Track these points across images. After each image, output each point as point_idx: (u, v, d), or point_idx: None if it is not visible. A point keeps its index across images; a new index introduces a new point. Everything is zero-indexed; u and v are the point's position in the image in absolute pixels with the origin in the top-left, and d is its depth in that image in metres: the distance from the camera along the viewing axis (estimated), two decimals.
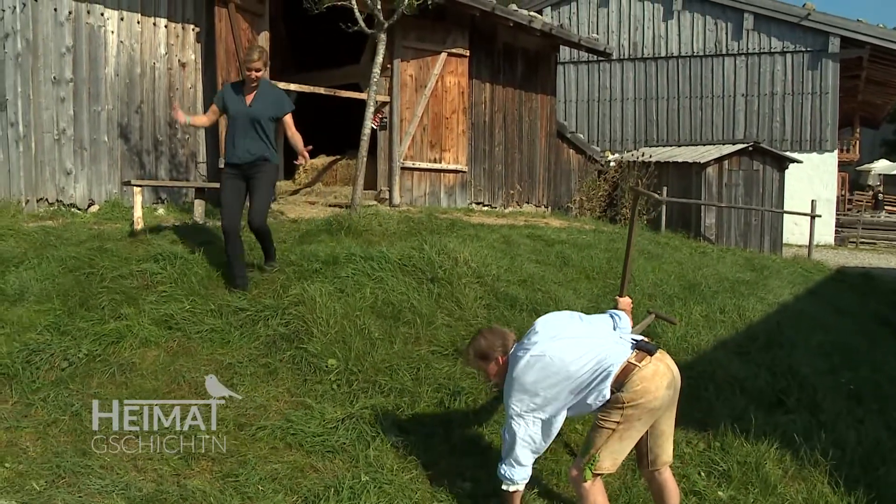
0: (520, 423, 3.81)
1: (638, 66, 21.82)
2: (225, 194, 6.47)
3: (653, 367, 3.72)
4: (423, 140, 12.59)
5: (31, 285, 6.18)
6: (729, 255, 11.78)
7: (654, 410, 3.74)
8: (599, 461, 3.73)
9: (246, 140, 6.40)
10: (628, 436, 3.74)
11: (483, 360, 4.03)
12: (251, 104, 6.41)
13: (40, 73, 8.97)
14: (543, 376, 3.77)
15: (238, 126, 6.39)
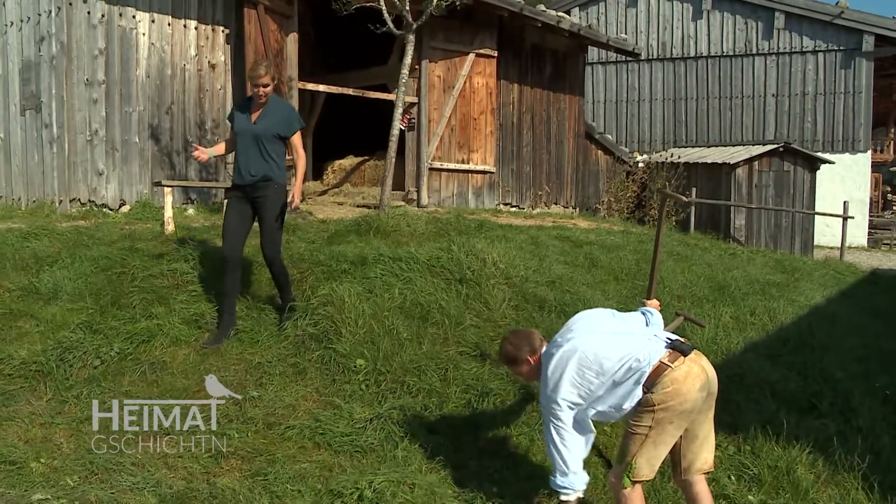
0: (559, 426, 3.76)
1: (667, 67, 21.65)
2: (228, 218, 5.99)
3: (685, 369, 3.62)
4: (451, 141, 12.59)
5: (65, 284, 6.26)
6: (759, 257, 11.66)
7: (687, 413, 3.64)
8: (636, 468, 3.65)
9: (248, 159, 5.89)
10: (662, 440, 3.65)
11: (513, 364, 4.00)
12: (256, 121, 5.89)
13: (74, 75, 9.09)
14: (578, 373, 3.72)
15: (242, 144, 5.91)
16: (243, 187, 5.91)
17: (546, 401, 3.81)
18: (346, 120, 15.53)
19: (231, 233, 5.90)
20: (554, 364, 3.79)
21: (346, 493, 4.12)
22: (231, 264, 5.89)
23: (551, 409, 3.77)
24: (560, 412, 3.75)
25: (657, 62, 21.71)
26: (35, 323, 5.77)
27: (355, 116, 15.50)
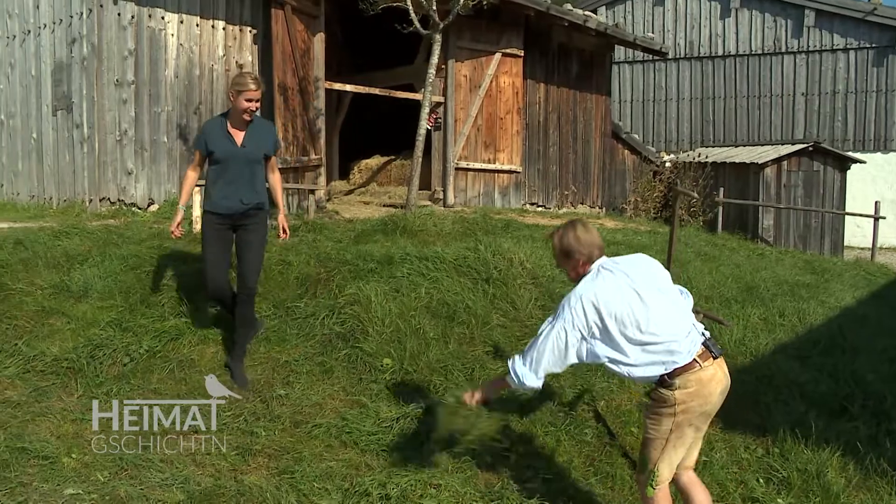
0: (560, 331, 3.55)
1: (694, 66, 21.48)
2: (210, 251, 5.33)
3: (712, 371, 3.54)
4: (478, 140, 12.58)
5: (95, 282, 6.32)
6: (788, 258, 11.55)
7: (706, 416, 3.61)
8: (659, 475, 3.61)
9: (239, 186, 5.25)
10: (681, 444, 3.61)
11: (565, 257, 3.74)
12: (244, 143, 5.25)
13: (104, 75, 9.18)
14: (611, 304, 3.52)
15: (229, 170, 5.24)
16: (230, 216, 5.31)
17: (566, 305, 3.59)
18: (373, 119, 15.58)
19: (215, 267, 5.34)
20: (592, 281, 3.61)
21: (373, 492, 4.13)
22: (224, 298, 5.51)
23: (570, 311, 3.55)
24: (575, 320, 3.53)
25: (684, 61, 21.55)
26: (66, 320, 5.83)
27: (381, 116, 15.54)
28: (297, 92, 10.13)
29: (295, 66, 10.05)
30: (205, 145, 5.25)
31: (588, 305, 3.52)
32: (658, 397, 3.57)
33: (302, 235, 7.94)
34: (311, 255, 7.02)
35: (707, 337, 3.64)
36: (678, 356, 3.49)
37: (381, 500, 4.09)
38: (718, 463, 4.81)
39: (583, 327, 3.53)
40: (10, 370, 5.23)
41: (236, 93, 5.12)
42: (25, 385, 5.11)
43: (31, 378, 5.20)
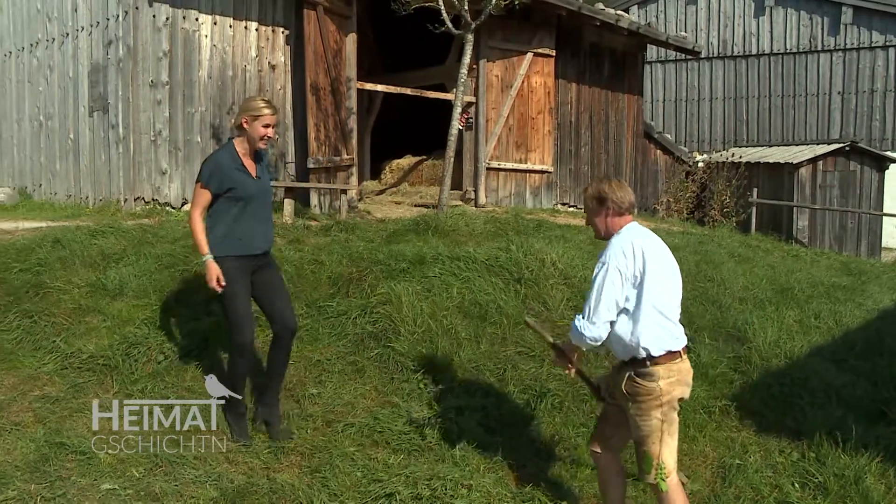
0: (615, 273, 3.61)
1: (728, 65, 21.26)
2: (241, 301, 4.68)
3: (688, 365, 3.75)
4: (509, 140, 12.55)
5: (130, 281, 6.40)
6: (823, 259, 11.38)
7: (679, 402, 3.74)
8: (666, 467, 3.66)
9: (260, 224, 4.76)
10: (673, 429, 3.70)
11: (598, 203, 3.80)
12: (259, 175, 4.76)
13: (139, 76, 9.29)
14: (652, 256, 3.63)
15: (250, 207, 4.68)
16: (253, 257, 4.75)
17: (623, 246, 3.65)
18: (404, 119, 15.61)
19: (249, 320, 4.70)
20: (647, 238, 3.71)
21: (403, 492, 4.12)
22: (252, 351, 4.89)
23: (621, 254, 3.63)
24: (627, 262, 3.61)
25: (718, 60, 21.33)
26: (102, 318, 5.91)
27: (413, 116, 15.57)
28: (329, 92, 10.18)
29: (327, 66, 10.10)
30: (219, 181, 4.58)
31: (638, 250, 3.63)
32: (643, 391, 3.63)
33: (334, 235, 7.97)
34: (343, 255, 7.05)
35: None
36: (674, 343, 3.65)
37: (412, 499, 4.09)
38: (752, 466, 4.75)
39: (630, 271, 3.62)
40: (48, 366, 5.32)
41: (251, 118, 4.59)
42: (63, 381, 5.19)
43: (69, 374, 5.28)
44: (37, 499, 3.95)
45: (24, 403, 4.95)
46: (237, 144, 4.68)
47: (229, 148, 4.69)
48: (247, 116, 4.60)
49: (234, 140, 4.71)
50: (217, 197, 4.59)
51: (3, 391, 5.08)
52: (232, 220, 4.62)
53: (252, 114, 4.59)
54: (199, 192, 4.61)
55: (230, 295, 4.62)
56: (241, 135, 4.67)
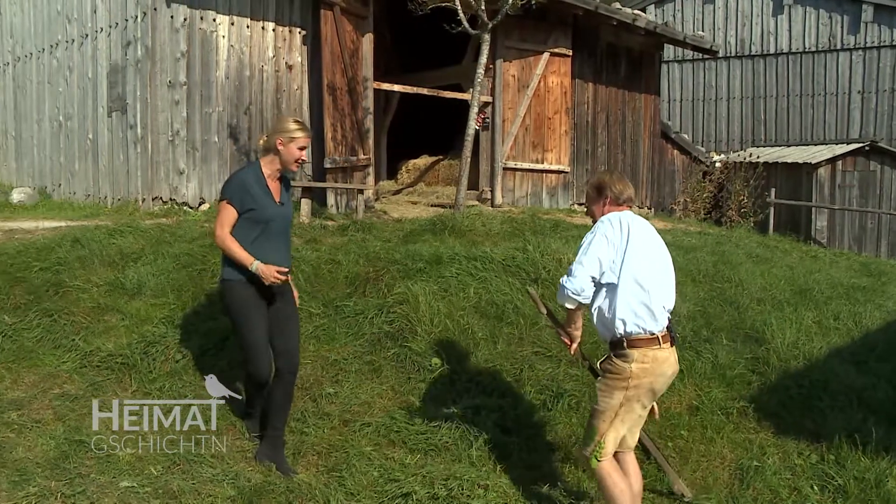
0: (602, 238, 3.74)
1: (745, 64, 21.11)
2: (257, 329, 4.43)
3: (667, 354, 3.76)
4: (526, 140, 12.53)
5: (148, 280, 6.44)
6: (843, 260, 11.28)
7: (653, 394, 3.78)
8: (605, 448, 3.73)
9: (279, 250, 4.50)
10: (629, 417, 3.76)
11: (597, 193, 3.99)
12: (283, 200, 4.55)
13: (157, 77, 9.34)
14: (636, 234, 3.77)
15: (270, 231, 4.44)
16: (271, 285, 4.45)
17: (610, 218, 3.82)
18: (420, 119, 15.62)
19: (262, 346, 4.43)
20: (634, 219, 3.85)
21: (420, 491, 4.13)
22: (266, 385, 4.57)
23: (609, 225, 3.78)
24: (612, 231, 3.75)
25: (735, 59, 21.20)
26: (121, 317, 5.95)
27: (429, 116, 15.57)
28: (345, 92, 10.19)
29: (344, 66, 10.12)
30: (242, 201, 4.36)
31: (624, 224, 3.76)
32: (613, 369, 3.73)
33: (351, 235, 7.99)
34: (359, 255, 7.06)
35: (671, 321, 3.86)
36: (652, 323, 3.70)
37: (428, 499, 4.10)
38: (771, 468, 4.71)
39: (615, 240, 3.73)
40: (68, 365, 5.37)
41: (287, 140, 4.38)
42: (83, 380, 5.24)
43: (88, 373, 5.33)
44: (57, 495, 3.99)
45: (44, 401, 5.00)
46: (264, 165, 4.46)
47: (255, 168, 4.47)
48: (282, 138, 4.38)
49: (262, 160, 4.48)
50: (237, 217, 4.38)
51: (23, 388, 5.13)
52: (249, 243, 4.37)
53: (288, 135, 4.37)
54: (225, 209, 4.37)
55: (244, 322, 4.41)
56: (269, 155, 4.45)
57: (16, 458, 4.36)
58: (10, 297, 6.15)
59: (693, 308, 6.79)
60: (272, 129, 4.47)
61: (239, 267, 4.36)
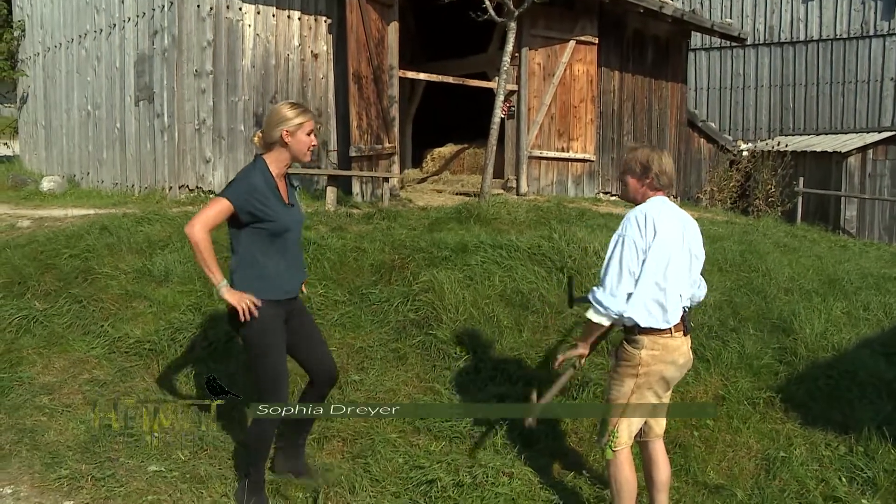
0: (630, 245, 3.57)
1: (774, 52, 20.86)
2: (277, 357, 3.84)
3: (678, 343, 3.66)
4: (551, 129, 12.48)
5: (175, 267, 6.50)
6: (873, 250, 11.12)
7: (665, 382, 3.70)
8: (618, 437, 3.68)
9: (294, 262, 3.95)
10: (642, 407, 3.71)
11: (643, 171, 3.73)
12: (292, 202, 3.93)
13: (184, 66, 9.40)
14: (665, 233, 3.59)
15: (286, 241, 3.84)
16: (290, 301, 3.94)
17: (637, 217, 3.63)
18: (445, 108, 15.60)
19: (283, 377, 3.88)
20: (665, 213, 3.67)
21: (445, 478, 4.14)
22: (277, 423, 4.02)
23: (636, 225, 3.60)
24: (641, 232, 3.57)
25: (764, 47, 20.95)
26: (148, 304, 6.02)
27: (454, 104, 15.55)
28: (371, 81, 10.20)
29: (369, 55, 10.12)
30: (251, 211, 3.68)
31: (650, 222, 3.59)
32: (624, 356, 3.66)
33: (376, 223, 8.00)
34: (385, 243, 7.07)
35: (686, 311, 3.74)
36: (663, 321, 3.59)
37: (453, 486, 4.10)
38: (798, 460, 4.66)
39: (642, 244, 3.58)
40: (97, 350, 5.44)
41: (294, 128, 3.72)
42: (111, 365, 5.31)
43: (117, 359, 5.40)
44: (87, 478, 4.06)
45: (74, 386, 5.07)
46: (271, 164, 3.78)
47: (262, 169, 3.76)
48: (286, 128, 3.70)
49: (266, 158, 3.79)
50: (241, 226, 3.71)
51: (54, 373, 5.21)
52: (263, 256, 3.75)
53: (293, 123, 3.70)
54: (219, 207, 3.63)
55: (265, 349, 3.78)
56: (274, 151, 3.78)
57: (48, 441, 4.44)
58: (40, 284, 6.24)
59: (720, 297, 6.74)
60: (268, 122, 3.76)
61: (260, 281, 3.73)
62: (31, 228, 7.94)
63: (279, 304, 3.81)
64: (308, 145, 3.79)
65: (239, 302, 3.63)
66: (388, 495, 4.11)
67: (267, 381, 3.82)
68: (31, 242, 7.15)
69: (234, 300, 3.64)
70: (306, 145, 3.78)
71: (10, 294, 6.10)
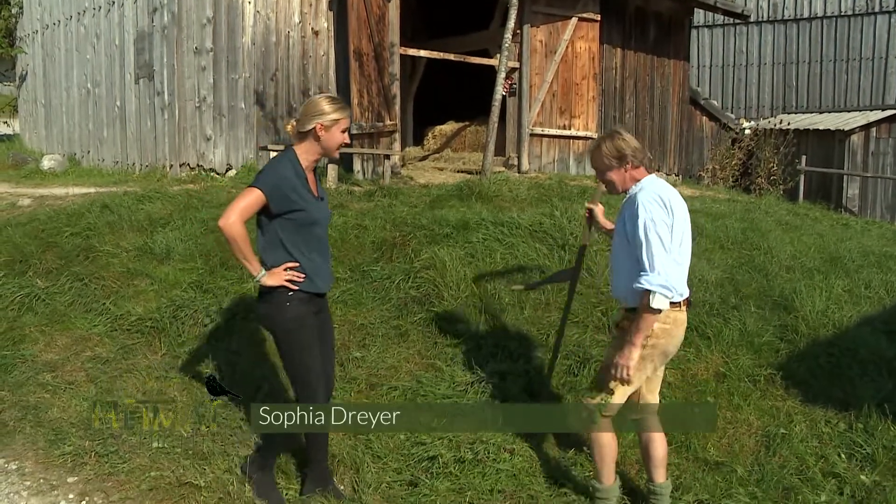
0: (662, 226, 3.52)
1: (777, 29, 20.72)
2: (314, 354, 3.78)
3: (685, 317, 3.71)
4: (553, 106, 12.43)
5: (176, 245, 6.50)
6: (875, 228, 11.10)
7: (667, 356, 3.73)
8: (610, 404, 3.69)
9: (326, 256, 3.90)
10: (639, 377, 3.69)
11: (618, 161, 3.70)
12: (321, 195, 3.84)
13: (183, 43, 9.35)
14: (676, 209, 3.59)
15: (320, 236, 3.81)
16: (321, 296, 3.89)
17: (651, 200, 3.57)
18: (447, 85, 15.53)
19: (321, 374, 3.84)
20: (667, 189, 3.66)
21: (446, 454, 4.15)
22: None
23: (657, 208, 3.55)
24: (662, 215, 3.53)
25: (767, 24, 20.81)
26: (150, 281, 6.02)
27: (455, 82, 15.47)
28: (372, 58, 10.15)
29: (370, 32, 10.06)
30: (282, 202, 3.60)
31: (667, 203, 3.57)
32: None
33: (377, 200, 7.99)
34: (386, 220, 7.07)
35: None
36: (683, 288, 3.63)
37: (454, 463, 4.12)
38: (798, 436, 4.67)
39: (669, 223, 3.56)
40: (99, 328, 5.46)
41: (329, 124, 3.62)
42: (113, 343, 5.32)
43: (119, 336, 5.41)
44: (91, 454, 4.09)
45: (76, 363, 5.09)
46: (301, 155, 3.69)
47: (292, 160, 3.68)
48: (321, 122, 3.61)
49: (297, 149, 3.70)
50: (271, 217, 3.63)
51: (57, 351, 5.22)
52: (294, 248, 3.67)
53: (329, 118, 3.61)
54: (251, 197, 3.55)
55: (301, 346, 3.73)
56: (305, 143, 3.68)
57: (51, 417, 4.47)
58: (42, 262, 6.25)
59: (721, 275, 6.73)
60: (304, 112, 3.67)
61: (305, 284, 3.69)
62: (32, 207, 7.94)
63: (314, 299, 3.77)
64: (340, 142, 3.71)
65: (281, 279, 3.61)
66: (390, 471, 4.13)
67: (304, 379, 3.77)
68: (33, 221, 7.16)
69: (276, 281, 3.61)
70: (338, 142, 3.70)
71: (11, 272, 6.11)
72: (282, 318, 3.67)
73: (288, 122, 3.83)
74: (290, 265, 3.63)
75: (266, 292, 3.68)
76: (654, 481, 3.87)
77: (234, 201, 3.56)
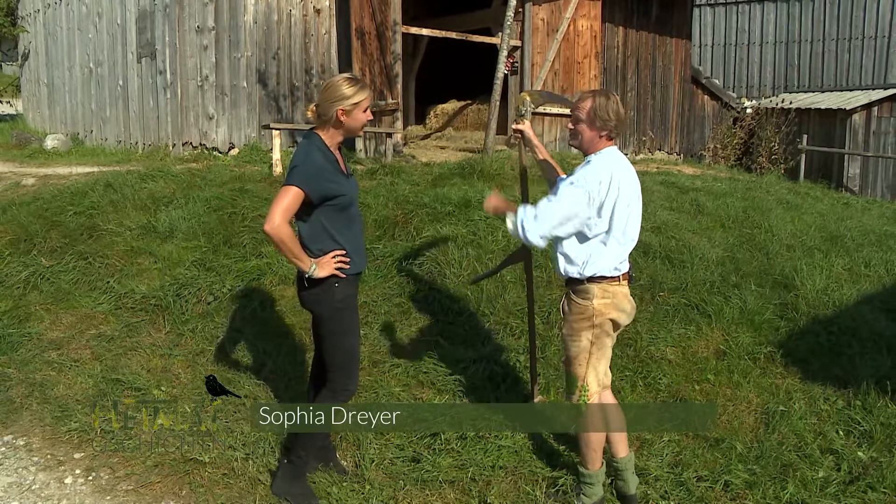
0: (582, 197, 3.48)
1: (780, 7, 20.60)
2: (355, 338, 3.79)
3: (626, 291, 3.71)
4: (555, 85, 12.40)
5: (180, 224, 6.53)
6: (875, 208, 11.12)
7: (615, 328, 3.73)
8: (589, 389, 3.70)
9: (362, 234, 3.90)
10: (602, 354, 3.71)
11: (602, 122, 3.58)
12: (350, 174, 3.80)
13: (185, 22, 9.33)
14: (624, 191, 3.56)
15: (355, 215, 3.78)
16: (358, 278, 3.87)
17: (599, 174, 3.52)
18: (449, 64, 15.48)
19: (358, 358, 3.84)
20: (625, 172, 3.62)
21: (449, 432, 4.19)
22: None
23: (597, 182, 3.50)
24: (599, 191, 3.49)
25: (769, 3, 20.68)
26: (153, 260, 6.06)
27: (457, 60, 15.42)
28: (374, 36, 10.12)
29: (372, 10, 10.03)
30: (322, 191, 3.53)
31: (615, 182, 3.54)
32: (576, 310, 3.65)
33: (380, 179, 8.01)
34: (388, 198, 7.09)
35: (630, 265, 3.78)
36: (624, 265, 3.65)
37: (456, 440, 4.16)
38: (797, 413, 4.71)
39: (598, 199, 3.51)
40: (103, 306, 5.50)
41: (351, 107, 3.55)
42: (118, 321, 5.36)
43: (123, 314, 5.45)
44: (97, 431, 4.12)
45: (81, 341, 5.13)
46: (326, 139, 3.63)
47: (320, 145, 3.62)
48: (343, 107, 3.53)
49: (321, 133, 3.63)
50: (313, 207, 3.56)
51: (62, 329, 5.27)
52: (338, 233, 3.63)
53: (350, 102, 3.53)
54: (292, 196, 3.46)
55: (347, 328, 3.68)
56: (327, 127, 3.61)
57: (57, 395, 4.52)
58: (46, 241, 6.29)
59: (722, 253, 6.75)
60: (324, 97, 3.58)
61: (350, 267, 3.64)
62: (36, 186, 7.96)
63: (354, 282, 3.73)
64: (364, 122, 3.66)
65: (331, 268, 3.56)
66: (393, 448, 4.17)
67: (344, 363, 3.71)
68: (37, 200, 7.19)
69: (328, 271, 3.55)
70: (362, 122, 3.64)
71: (16, 251, 6.15)
72: (330, 298, 3.62)
73: (308, 108, 3.75)
74: (338, 253, 3.59)
75: (318, 276, 3.57)
76: (615, 456, 3.86)
77: (275, 203, 3.47)
